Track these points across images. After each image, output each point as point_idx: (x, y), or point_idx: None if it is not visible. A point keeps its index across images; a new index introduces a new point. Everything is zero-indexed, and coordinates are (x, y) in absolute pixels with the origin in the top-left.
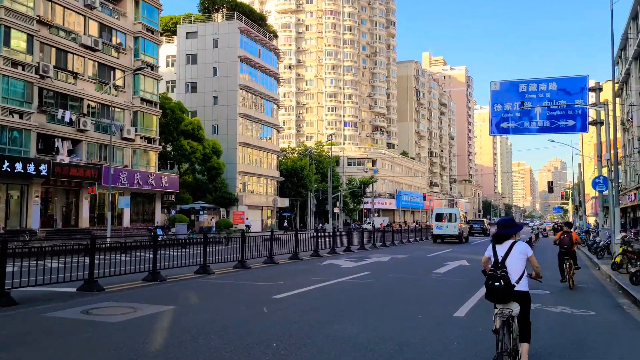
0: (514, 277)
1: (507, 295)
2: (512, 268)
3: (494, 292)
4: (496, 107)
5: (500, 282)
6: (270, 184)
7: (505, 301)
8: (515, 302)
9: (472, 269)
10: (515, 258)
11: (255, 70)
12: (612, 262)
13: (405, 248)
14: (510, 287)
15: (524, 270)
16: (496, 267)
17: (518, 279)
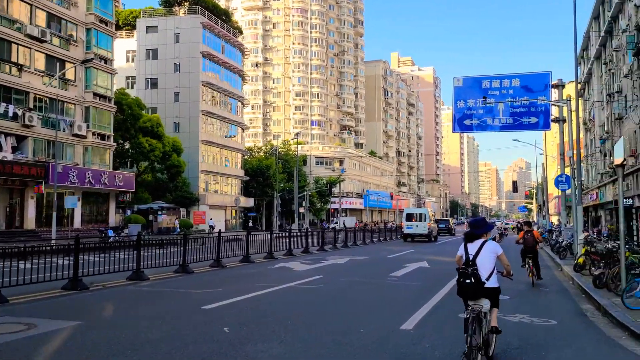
0: (484, 275)
1: (478, 292)
2: (482, 266)
3: (465, 289)
4: (459, 103)
5: (471, 280)
6: (234, 184)
7: (476, 297)
8: (486, 299)
9: (431, 272)
10: (485, 256)
11: (218, 67)
12: (575, 263)
13: (368, 249)
14: (480, 284)
15: (493, 268)
16: (467, 265)
17: (488, 276)
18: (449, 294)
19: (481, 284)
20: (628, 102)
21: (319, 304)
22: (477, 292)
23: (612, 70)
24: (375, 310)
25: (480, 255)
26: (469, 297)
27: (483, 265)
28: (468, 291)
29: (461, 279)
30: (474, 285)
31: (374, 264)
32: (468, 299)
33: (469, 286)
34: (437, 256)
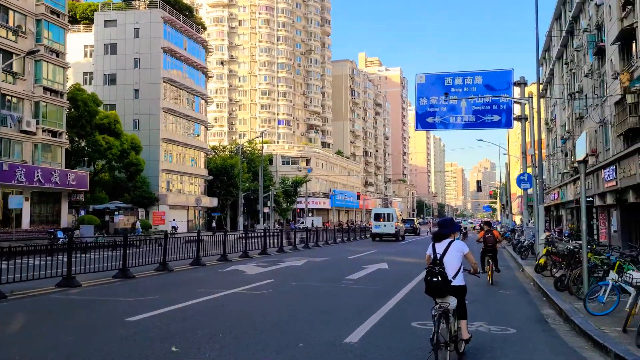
0: (451, 273)
1: (445, 290)
2: (449, 265)
3: (432, 287)
4: (422, 100)
5: (437, 278)
6: (197, 183)
7: (443, 295)
8: (452, 297)
9: (389, 273)
10: (452, 255)
11: (180, 63)
12: (536, 264)
13: (330, 249)
14: (447, 283)
15: (460, 266)
16: (434, 264)
17: (454, 275)
18: (404, 299)
19: (448, 282)
20: (588, 102)
21: (261, 313)
22: (444, 290)
23: (573, 70)
24: (321, 320)
25: (447, 254)
26: (436, 295)
27: (450, 264)
28: (435, 289)
29: (428, 277)
30: (441, 284)
31: (332, 266)
32: (435, 297)
33: (436, 284)
34: (399, 257)
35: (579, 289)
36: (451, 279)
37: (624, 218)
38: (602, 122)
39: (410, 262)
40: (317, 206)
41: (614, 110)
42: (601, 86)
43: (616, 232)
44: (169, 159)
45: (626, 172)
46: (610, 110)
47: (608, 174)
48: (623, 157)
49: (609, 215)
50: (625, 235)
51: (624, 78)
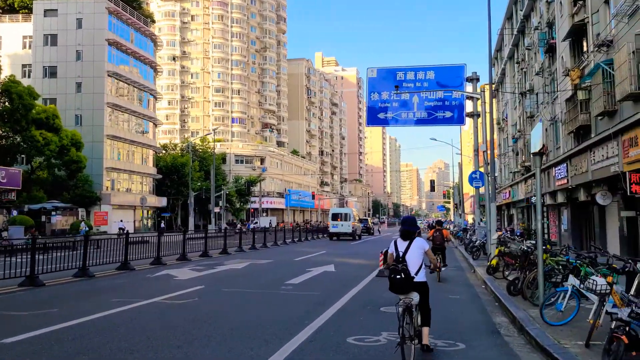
0: (413, 270)
1: (408, 286)
2: (411, 262)
3: (396, 284)
4: (373, 96)
5: (401, 275)
6: (145, 182)
7: (406, 292)
8: (415, 292)
9: (335, 277)
10: (414, 253)
11: (127, 57)
12: (488, 265)
13: (278, 250)
14: (410, 279)
15: (421, 263)
16: (397, 261)
17: (417, 271)
18: (344, 308)
19: (410, 279)
20: (539, 100)
21: (172, 328)
22: (407, 287)
23: (524, 69)
24: (242, 336)
25: (409, 251)
26: (399, 291)
27: (412, 261)
28: (399, 286)
29: (392, 274)
30: (404, 280)
31: (275, 269)
32: (399, 294)
33: (400, 281)
34: (348, 258)
35: (533, 294)
36: (414, 276)
37: (575, 217)
38: (552, 120)
39: (359, 264)
40: (271, 206)
41: (565, 108)
42: (552, 84)
43: (566, 230)
44: (114, 157)
45: (577, 170)
46: (561, 107)
47: (559, 172)
48: (574, 155)
49: (560, 214)
50: (576, 234)
51: (575, 75)
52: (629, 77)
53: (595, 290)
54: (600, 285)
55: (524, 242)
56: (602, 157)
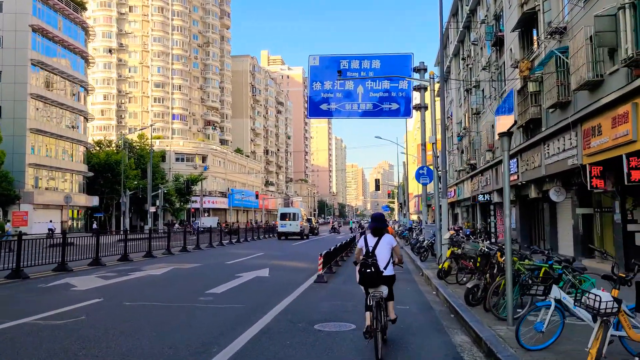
0: (382, 264)
1: (378, 280)
2: (380, 257)
3: (366, 277)
4: (315, 85)
5: (371, 269)
6: (75, 180)
7: (376, 285)
8: (384, 285)
9: (267, 284)
10: (383, 248)
11: (55, 45)
12: (439, 269)
13: (210, 253)
14: (379, 273)
15: (389, 258)
16: (367, 256)
17: (385, 266)
18: (269, 327)
19: (380, 273)
20: (486, 96)
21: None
22: (377, 280)
23: (469, 65)
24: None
25: (378, 246)
26: (370, 285)
27: (381, 256)
28: (369, 280)
29: (362, 268)
30: (374, 274)
31: (199, 275)
32: (369, 287)
33: (370, 275)
34: (286, 260)
35: (498, 305)
36: (382, 270)
37: (524, 215)
38: None
39: (297, 267)
40: (214, 206)
41: (515, 101)
42: (499, 78)
43: (514, 229)
44: (38, 152)
45: (528, 165)
46: None
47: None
48: (525, 149)
49: None
50: (524, 233)
51: (524, 66)
52: (586, 63)
53: (597, 308)
54: (606, 303)
55: (482, 243)
56: (558, 149)
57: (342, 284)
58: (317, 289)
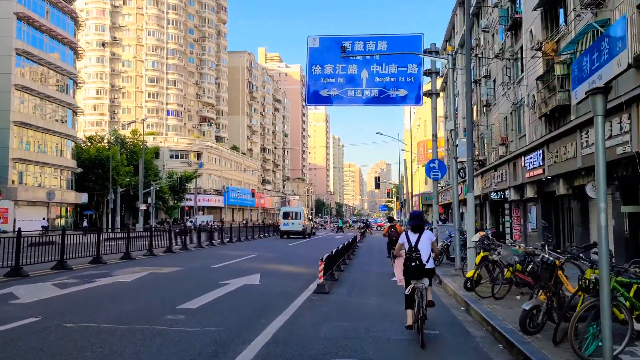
0: (424, 258)
1: (421, 272)
2: (423, 251)
3: (411, 270)
4: (314, 69)
5: (416, 263)
6: (63, 176)
7: (419, 277)
8: (426, 277)
9: (256, 295)
10: (424, 243)
11: (41, 35)
12: (467, 279)
13: (199, 254)
14: (422, 266)
15: (430, 252)
16: (411, 250)
17: (427, 260)
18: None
19: (423, 266)
20: (497, 86)
21: None
22: (420, 273)
23: (478, 54)
24: None
25: (420, 242)
26: (414, 277)
27: (423, 251)
28: (414, 272)
29: (408, 262)
30: (417, 268)
31: (176, 283)
32: (412, 279)
33: (415, 268)
34: (282, 264)
35: (575, 334)
36: (425, 263)
37: (547, 214)
38: (516, 105)
39: (293, 272)
40: (208, 204)
41: (536, 88)
42: (514, 66)
43: (535, 230)
44: (23, 146)
45: (558, 157)
46: (528, 89)
47: (530, 162)
48: (553, 139)
49: (525, 211)
50: (548, 234)
51: (549, 48)
52: (637, 34)
53: None
54: None
55: (545, 250)
56: None
57: (348, 295)
58: (317, 302)
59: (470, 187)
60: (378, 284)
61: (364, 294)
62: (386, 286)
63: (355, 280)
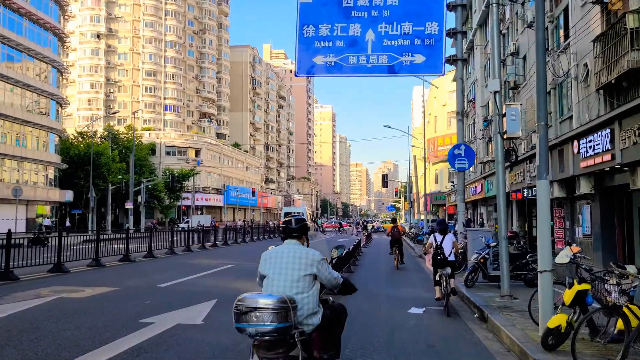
0: (447, 253)
1: (445, 263)
2: (446, 248)
3: (438, 262)
4: (306, 30)
5: (441, 256)
6: (47, 172)
7: (444, 267)
8: (448, 267)
9: (180, 350)
10: (447, 242)
11: (20, 18)
12: (547, 331)
13: (156, 265)
14: (445, 259)
15: (451, 249)
16: (437, 248)
17: (449, 254)
18: None
19: (446, 259)
20: (529, 63)
21: None
22: (444, 264)
23: (503, 31)
24: None
25: (444, 241)
26: (439, 266)
27: (446, 248)
28: (439, 263)
29: (435, 256)
30: (442, 260)
31: (71, 322)
32: (439, 268)
33: (440, 260)
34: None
35: None
36: (447, 256)
37: (606, 215)
38: (556, 81)
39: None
40: (207, 203)
41: (593, 52)
42: (554, 34)
43: (588, 236)
44: (1, 140)
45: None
46: (577, 58)
47: (589, 146)
48: (630, 113)
49: (574, 212)
50: (607, 241)
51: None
52: None
53: None
54: None
55: None
56: None
57: None
58: None
59: (543, 169)
60: (388, 316)
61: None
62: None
63: (356, 319)
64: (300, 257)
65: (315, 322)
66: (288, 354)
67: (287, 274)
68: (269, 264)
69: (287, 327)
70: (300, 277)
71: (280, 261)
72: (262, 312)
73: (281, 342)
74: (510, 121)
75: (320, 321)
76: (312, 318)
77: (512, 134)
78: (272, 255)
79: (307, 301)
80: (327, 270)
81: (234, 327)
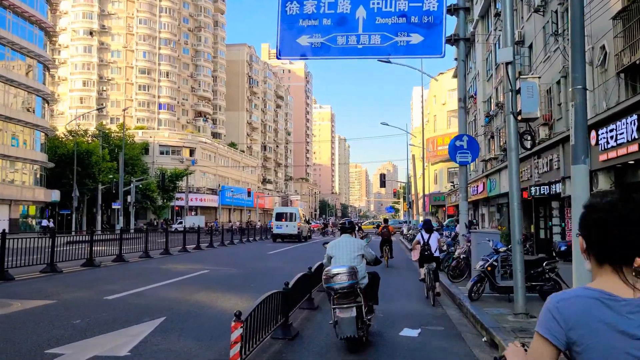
0: (433, 249)
1: (431, 259)
2: (432, 245)
3: (425, 257)
4: (290, 7)
5: (427, 252)
6: (33, 171)
7: (430, 262)
8: (433, 262)
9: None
10: (433, 240)
11: (3, 10)
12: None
13: (122, 270)
14: (432, 255)
15: (437, 245)
16: (424, 245)
17: (435, 250)
18: None
19: (432, 254)
20: (535, 52)
21: None
22: (430, 259)
23: None
24: None
25: (430, 239)
26: (426, 261)
27: (432, 245)
28: (426, 258)
29: (422, 252)
30: (428, 255)
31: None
32: (425, 262)
33: (427, 256)
34: (228, 292)
35: None
36: (433, 252)
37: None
38: (568, 68)
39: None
40: (202, 204)
41: (613, 32)
42: (565, 17)
43: None
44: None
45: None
46: (592, 42)
47: (611, 136)
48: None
49: None
50: None
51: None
52: None
53: None
54: None
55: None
56: None
57: None
58: None
59: (581, 150)
60: (372, 344)
61: None
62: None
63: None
64: (354, 244)
65: (365, 282)
66: (355, 300)
67: (347, 254)
68: (335, 248)
69: (355, 284)
70: (355, 256)
71: (342, 247)
72: (342, 275)
73: (351, 293)
74: (526, 98)
75: (367, 282)
76: (363, 280)
77: (529, 115)
78: (337, 244)
79: (360, 269)
80: (369, 251)
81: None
